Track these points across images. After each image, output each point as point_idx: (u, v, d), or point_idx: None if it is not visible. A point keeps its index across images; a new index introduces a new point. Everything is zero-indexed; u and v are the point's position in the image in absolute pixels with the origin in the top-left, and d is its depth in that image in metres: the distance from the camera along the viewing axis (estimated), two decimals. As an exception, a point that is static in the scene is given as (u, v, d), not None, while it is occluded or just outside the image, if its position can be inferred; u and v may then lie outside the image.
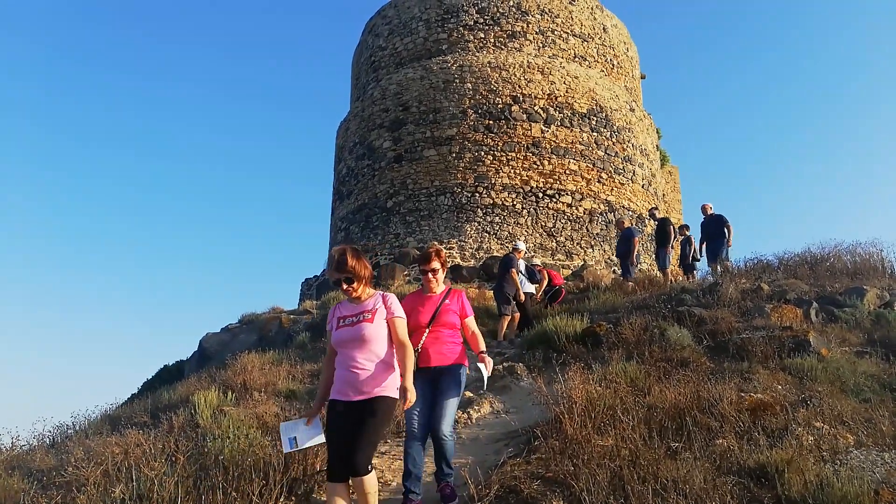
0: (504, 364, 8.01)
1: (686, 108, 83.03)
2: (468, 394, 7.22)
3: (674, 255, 16.02)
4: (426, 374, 4.22)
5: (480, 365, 4.42)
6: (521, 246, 11.04)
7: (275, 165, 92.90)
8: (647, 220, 18.99)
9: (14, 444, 6.96)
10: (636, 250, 12.98)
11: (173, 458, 4.49)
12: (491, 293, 12.15)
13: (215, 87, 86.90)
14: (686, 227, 14.57)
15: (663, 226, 13.49)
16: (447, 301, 4.41)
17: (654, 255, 14.66)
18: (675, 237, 13.54)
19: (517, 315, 10.59)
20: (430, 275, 4.40)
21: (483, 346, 4.46)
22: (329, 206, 21.61)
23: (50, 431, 7.80)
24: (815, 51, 79.00)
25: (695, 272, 13.48)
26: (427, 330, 4.28)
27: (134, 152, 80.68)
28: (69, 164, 79.72)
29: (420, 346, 4.20)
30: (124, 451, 4.95)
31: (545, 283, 11.87)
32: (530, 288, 11.03)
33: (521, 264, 10.96)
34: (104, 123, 79.30)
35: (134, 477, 4.12)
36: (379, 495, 4.53)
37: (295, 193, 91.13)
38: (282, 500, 4.08)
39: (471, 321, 4.51)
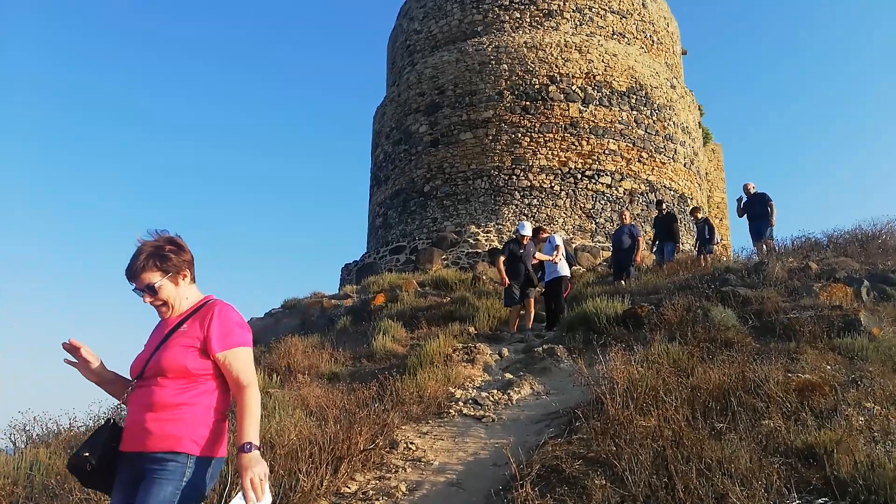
0: (544, 346, 8.01)
1: (732, 84, 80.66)
2: (507, 375, 7.26)
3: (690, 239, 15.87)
4: (123, 467, 2.40)
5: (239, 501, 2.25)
6: (524, 230, 9.75)
7: (315, 151, 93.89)
8: (688, 201, 18.62)
9: (72, 424, 7.28)
10: (641, 249, 12.10)
11: (223, 438, 4.64)
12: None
13: (254, 71, 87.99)
14: (697, 209, 14.30)
15: (670, 223, 13.10)
16: (183, 327, 2.47)
17: (653, 249, 14.12)
18: (679, 236, 13.38)
19: (531, 301, 9.79)
20: (146, 298, 2.51)
21: (251, 431, 2.34)
22: (367, 192, 21.79)
23: (105, 412, 8.10)
24: (875, 26, 75.53)
25: (708, 254, 13.11)
26: (133, 383, 2.48)
27: (174, 139, 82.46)
28: (115, 150, 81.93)
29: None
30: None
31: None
32: (565, 270, 9.99)
33: (561, 249, 10.04)
34: (143, 107, 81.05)
35: (186, 455, 4.26)
36: (421, 475, 4.62)
37: (335, 179, 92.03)
38: (328, 477, 4.19)
39: (232, 359, 2.42)
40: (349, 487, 4.39)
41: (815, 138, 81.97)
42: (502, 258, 9.70)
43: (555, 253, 10.01)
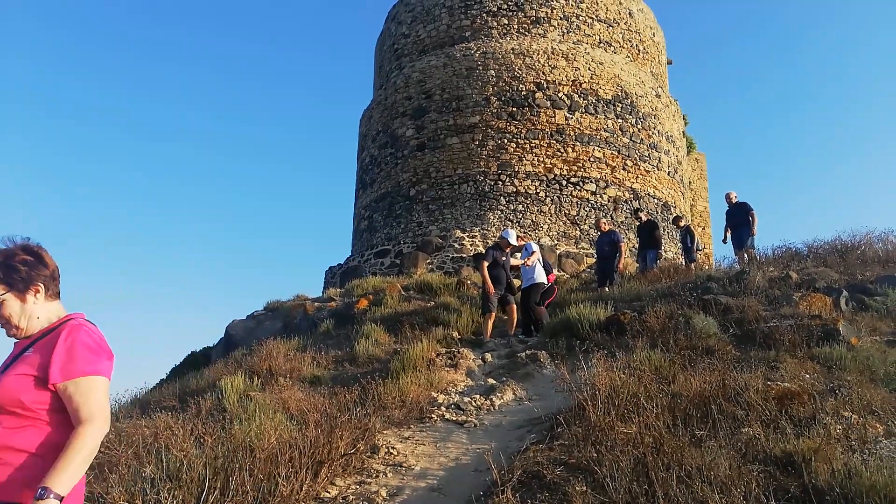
0: (527, 351, 8.01)
1: (716, 95, 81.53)
2: (490, 380, 7.26)
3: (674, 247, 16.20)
4: None
5: None
6: (511, 238, 9.88)
7: (299, 155, 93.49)
8: (671, 209, 18.77)
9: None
10: (623, 256, 12.16)
11: (202, 441, 4.59)
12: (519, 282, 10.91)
13: (239, 75, 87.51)
14: (679, 218, 14.45)
15: (651, 230, 13.23)
16: (28, 352, 2.13)
17: (636, 256, 14.30)
18: (662, 243, 13.67)
19: (513, 307, 9.76)
20: None
21: (59, 476, 1.91)
22: (352, 195, 21.73)
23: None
24: (865, 39, 76.62)
25: (690, 262, 13.24)
26: None
27: (160, 142, 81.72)
28: (96, 154, 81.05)
29: None
30: (154, 434, 5.06)
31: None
32: (542, 277, 9.93)
33: (537, 257, 10.01)
34: (126, 111, 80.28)
35: (164, 458, 4.22)
36: (401, 481, 4.60)
37: (319, 183, 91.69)
38: (307, 481, 4.15)
39: (73, 390, 2.04)
40: (329, 492, 4.36)
41: (799, 149, 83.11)
42: (486, 263, 9.58)
43: (529, 256, 9.98)
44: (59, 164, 79.24)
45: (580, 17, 19.27)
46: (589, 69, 18.25)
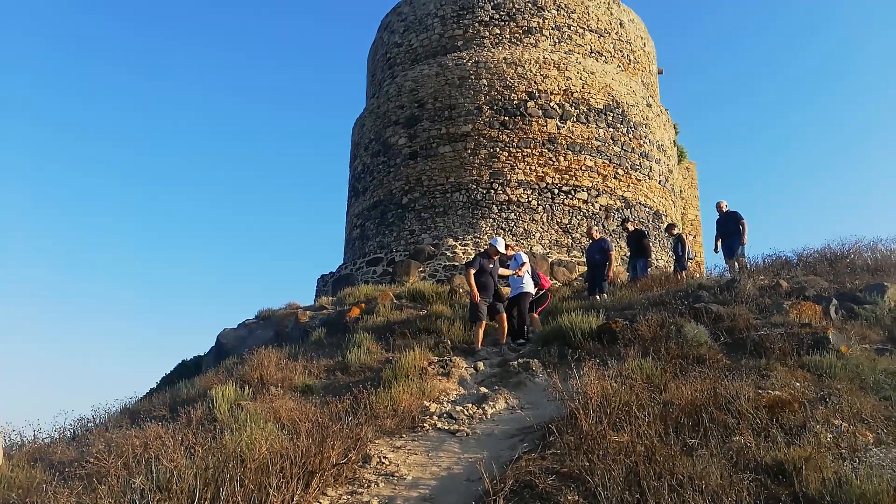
0: (519, 360, 8.01)
1: (707, 104, 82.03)
2: (483, 389, 7.26)
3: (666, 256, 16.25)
4: None
5: None
6: (499, 246, 9.94)
7: (290, 164, 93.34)
8: (662, 217, 18.87)
9: (36, 436, 7.11)
10: (613, 264, 12.07)
11: (192, 451, 4.56)
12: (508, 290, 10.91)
13: (231, 88, 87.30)
14: (673, 226, 14.53)
15: (640, 239, 13.29)
16: None
17: (627, 265, 14.39)
18: (651, 252, 13.74)
19: (502, 316, 9.64)
20: None
21: None
22: (345, 204, 21.73)
23: (71, 424, 7.94)
24: (856, 49, 77.35)
25: (682, 271, 13.28)
26: None
27: (156, 154, 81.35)
28: (93, 166, 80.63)
29: None
30: (144, 444, 5.02)
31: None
32: (530, 287, 10.04)
33: (526, 266, 10.12)
34: (118, 123, 79.78)
35: (153, 469, 4.19)
36: (393, 490, 4.58)
37: (311, 191, 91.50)
38: (299, 492, 4.13)
39: None
40: (321, 502, 4.34)
41: (794, 154, 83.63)
42: (472, 271, 9.57)
43: (519, 267, 10.04)
44: (53, 171, 78.78)
45: (571, 28, 19.41)
46: (580, 78, 18.36)
